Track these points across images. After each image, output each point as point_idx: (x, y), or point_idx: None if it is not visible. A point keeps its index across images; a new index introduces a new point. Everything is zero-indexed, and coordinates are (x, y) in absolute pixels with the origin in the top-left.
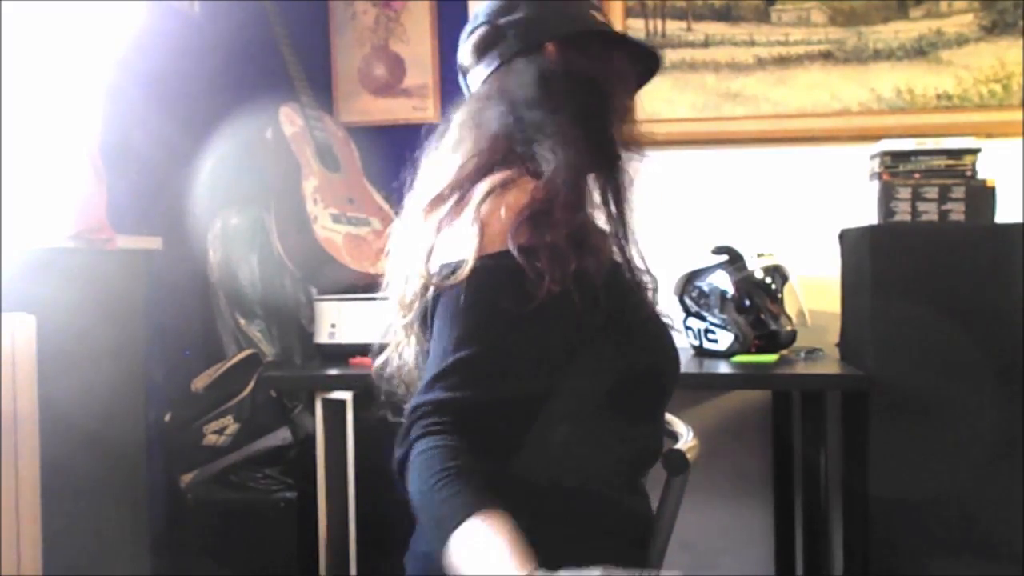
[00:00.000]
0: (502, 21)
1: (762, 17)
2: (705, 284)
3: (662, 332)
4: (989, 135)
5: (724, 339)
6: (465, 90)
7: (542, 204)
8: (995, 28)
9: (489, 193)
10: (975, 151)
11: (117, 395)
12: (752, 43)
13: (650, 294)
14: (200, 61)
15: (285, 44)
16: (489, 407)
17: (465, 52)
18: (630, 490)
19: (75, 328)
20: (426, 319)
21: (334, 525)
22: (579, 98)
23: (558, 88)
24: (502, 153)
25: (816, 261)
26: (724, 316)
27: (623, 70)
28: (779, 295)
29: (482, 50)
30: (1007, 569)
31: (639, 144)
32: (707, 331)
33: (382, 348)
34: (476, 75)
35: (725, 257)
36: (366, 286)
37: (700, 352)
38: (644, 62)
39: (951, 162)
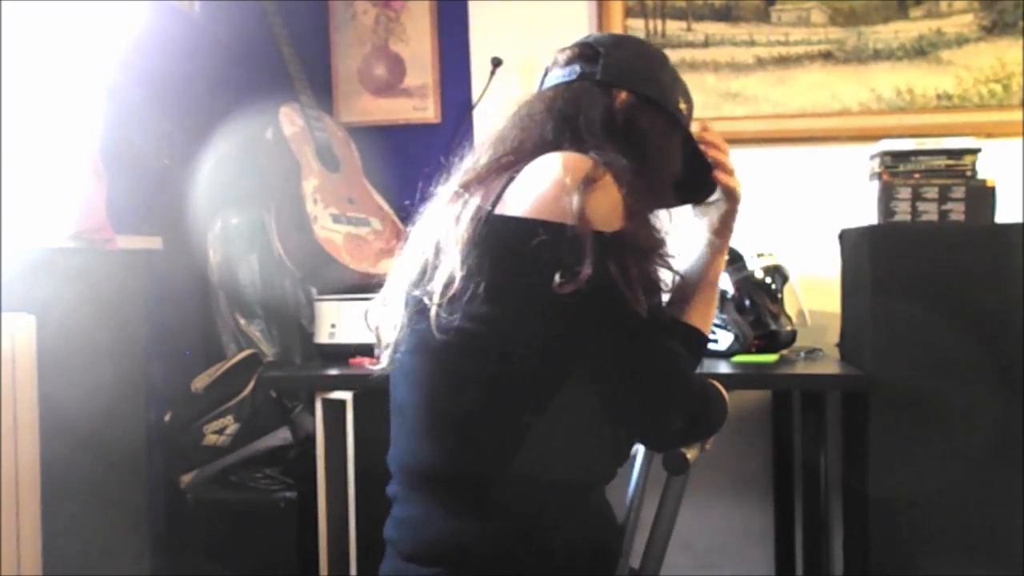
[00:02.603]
0: (604, 50)
1: (762, 17)
2: None
3: None
4: (989, 135)
5: (724, 339)
6: (538, 85)
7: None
8: (995, 28)
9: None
10: (975, 151)
11: (117, 395)
12: (752, 43)
13: None
14: (200, 61)
15: (285, 44)
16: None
17: (561, 55)
18: (604, 484)
19: (75, 328)
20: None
21: (334, 525)
22: (626, 154)
23: (613, 131)
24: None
25: (816, 261)
26: (724, 316)
27: (674, 160)
28: (779, 295)
29: (571, 60)
30: (1007, 569)
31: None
32: None
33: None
34: (552, 76)
35: (725, 257)
36: (366, 286)
37: None
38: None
39: (951, 162)
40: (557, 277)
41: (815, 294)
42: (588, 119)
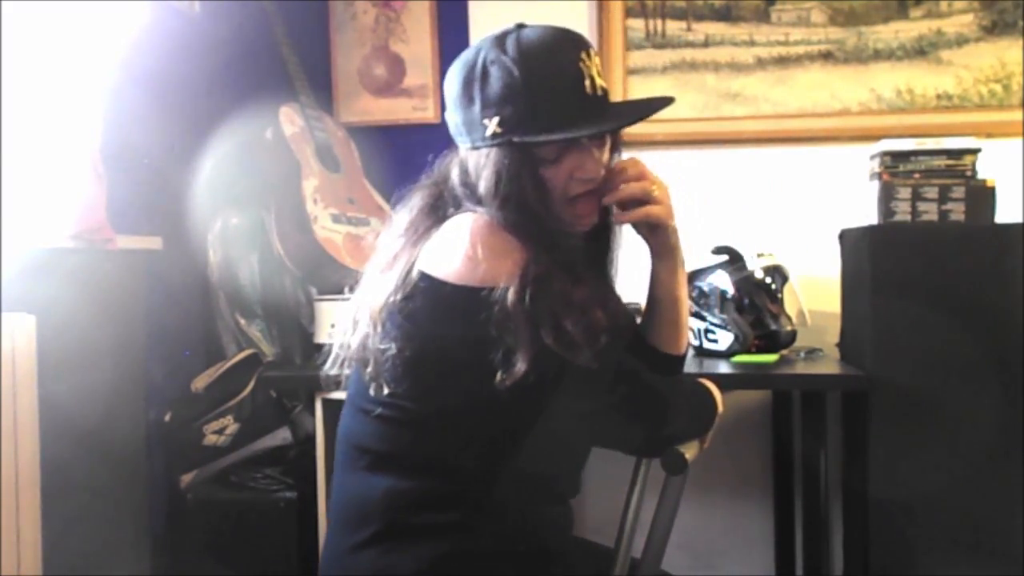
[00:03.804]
0: (459, 116)
1: (762, 17)
2: (705, 284)
3: None
4: (989, 135)
5: (724, 339)
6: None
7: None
8: (995, 28)
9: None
10: (975, 151)
11: (117, 395)
12: (752, 43)
13: None
14: (200, 61)
15: (285, 44)
16: None
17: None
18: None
19: (75, 328)
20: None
21: None
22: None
23: (474, 193)
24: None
25: (816, 261)
26: (724, 316)
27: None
28: (779, 295)
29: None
30: (1007, 569)
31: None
32: (707, 331)
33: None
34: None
35: (725, 257)
36: None
37: (700, 352)
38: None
39: (951, 162)
40: (499, 375)
41: (815, 294)
42: (452, 193)
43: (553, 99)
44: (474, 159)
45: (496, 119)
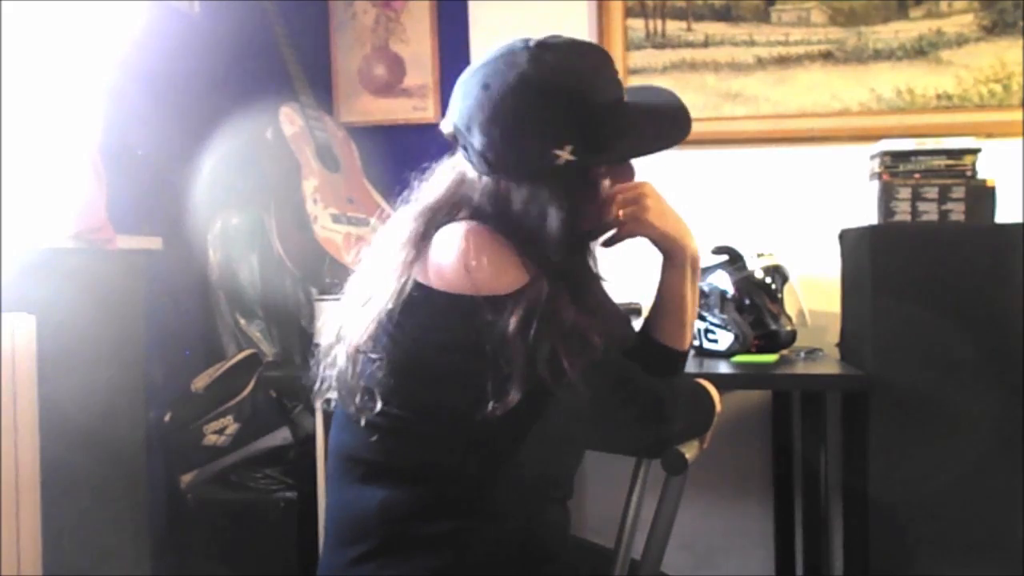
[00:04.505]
0: (462, 139)
1: (762, 17)
2: (705, 284)
3: None
4: (989, 135)
5: (724, 339)
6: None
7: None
8: (995, 28)
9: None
10: (975, 151)
11: (117, 395)
12: (752, 43)
13: None
14: (200, 61)
15: (285, 44)
16: None
17: (446, 129)
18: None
19: (75, 328)
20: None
21: None
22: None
23: (496, 218)
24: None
25: (816, 261)
26: (724, 316)
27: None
28: (779, 295)
29: (453, 142)
30: (1007, 569)
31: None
32: (707, 331)
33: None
34: (443, 168)
35: (725, 257)
36: None
37: (700, 352)
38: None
39: (951, 162)
40: (490, 404)
41: (815, 294)
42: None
43: (614, 118)
44: (525, 193)
45: (569, 147)
